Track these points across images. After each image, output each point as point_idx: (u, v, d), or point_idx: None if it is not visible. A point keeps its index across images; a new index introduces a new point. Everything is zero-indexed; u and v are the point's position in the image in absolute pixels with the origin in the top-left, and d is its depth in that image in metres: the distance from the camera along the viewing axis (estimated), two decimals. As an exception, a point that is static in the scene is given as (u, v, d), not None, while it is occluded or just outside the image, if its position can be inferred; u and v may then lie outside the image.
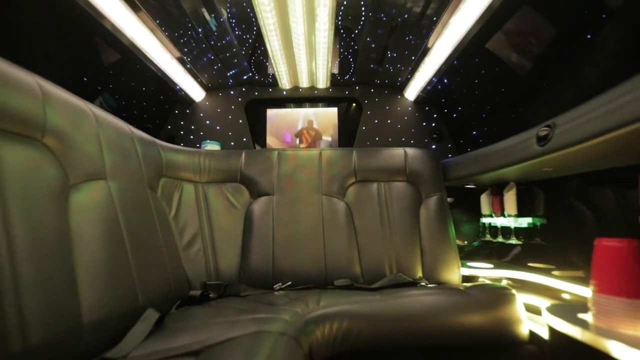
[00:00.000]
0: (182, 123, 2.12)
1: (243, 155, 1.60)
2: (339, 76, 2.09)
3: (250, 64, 1.98)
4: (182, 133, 2.11)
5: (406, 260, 1.43)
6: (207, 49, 1.74)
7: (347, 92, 2.14)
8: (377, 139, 2.09)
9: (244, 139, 2.11)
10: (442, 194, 1.55)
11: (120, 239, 0.92)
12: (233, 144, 2.11)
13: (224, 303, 1.15)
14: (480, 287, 1.11)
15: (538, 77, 1.40)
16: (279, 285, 1.36)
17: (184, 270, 1.31)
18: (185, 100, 2.08)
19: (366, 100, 2.13)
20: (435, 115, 2.10)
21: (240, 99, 2.14)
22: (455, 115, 2.03)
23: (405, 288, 1.21)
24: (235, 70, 1.99)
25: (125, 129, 1.16)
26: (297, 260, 1.42)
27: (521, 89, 1.52)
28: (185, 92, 1.99)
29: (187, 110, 2.13)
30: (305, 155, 1.61)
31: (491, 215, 1.58)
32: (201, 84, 2.05)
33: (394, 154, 1.60)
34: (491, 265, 1.52)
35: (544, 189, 1.45)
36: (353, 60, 2.04)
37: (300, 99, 2.18)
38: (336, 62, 2.05)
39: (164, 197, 1.34)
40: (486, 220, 1.63)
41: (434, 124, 2.09)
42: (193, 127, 2.12)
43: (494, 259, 1.76)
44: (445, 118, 2.08)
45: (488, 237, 1.64)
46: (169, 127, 2.11)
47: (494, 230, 1.61)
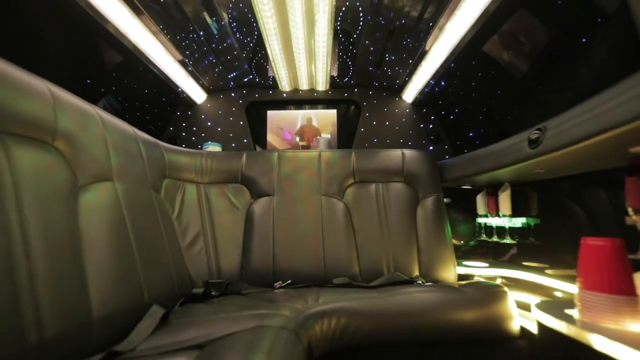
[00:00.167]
0: (184, 125, 2.16)
1: (244, 156, 1.63)
2: (338, 79, 2.13)
3: (250, 66, 2.02)
4: (184, 134, 2.15)
5: (403, 259, 1.46)
6: (209, 51, 1.78)
7: (346, 95, 2.18)
8: (376, 140, 2.13)
9: (245, 141, 2.15)
10: (439, 195, 1.59)
11: (127, 238, 0.96)
12: (234, 145, 2.14)
13: (226, 300, 1.18)
14: (474, 285, 1.14)
15: (534, 80, 1.43)
16: (279, 283, 1.40)
17: (187, 268, 1.34)
18: (187, 102, 2.12)
19: (365, 102, 2.16)
20: (433, 117, 2.13)
21: (241, 101, 2.18)
22: (452, 117, 2.06)
23: (402, 286, 1.25)
24: (236, 72, 2.02)
25: (130, 132, 1.19)
26: (297, 259, 1.45)
27: (517, 91, 1.55)
28: (187, 94, 2.02)
29: (189, 112, 2.16)
30: (304, 157, 1.65)
31: (487, 215, 1.62)
32: (202, 86, 2.08)
33: (392, 155, 1.64)
34: (486, 265, 1.55)
35: (538, 189, 1.48)
36: (352, 63, 2.08)
37: (300, 101, 2.21)
38: (335, 65, 2.09)
39: (167, 198, 1.38)
40: (482, 220, 1.66)
41: (431, 126, 2.13)
42: (195, 129, 2.15)
43: (490, 258, 1.80)
44: (443, 120, 2.11)
45: (484, 237, 1.67)
46: (171, 129, 2.15)
47: (490, 230, 1.64)
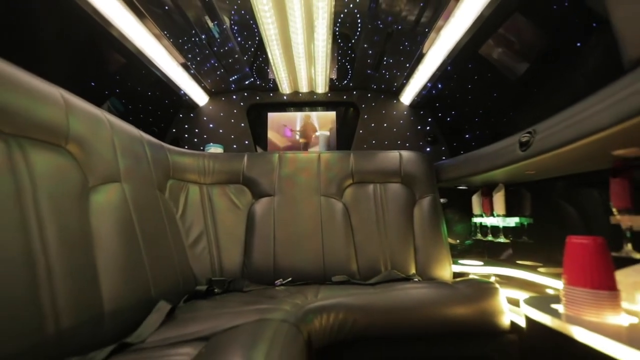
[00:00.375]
0: (187, 126, 2.20)
1: (245, 157, 1.68)
2: (337, 81, 2.17)
3: (251, 69, 2.06)
4: (187, 136, 2.19)
5: (400, 257, 1.51)
6: (210, 55, 1.82)
7: (345, 97, 2.23)
8: (374, 141, 2.17)
9: (246, 142, 2.19)
10: (435, 195, 1.63)
11: (134, 237, 1.00)
12: (235, 146, 2.18)
13: (229, 297, 1.23)
14: (467, 282, 1.19)
15: (528, 83, 1.46)
16: (280, 281, 1.44)
17: (191, 266, 1.39)
18: (190, 104, 2.16)
19: (363, 105, 2.21)
20: (430, 119, 2.18)
21: (242, 104, 2.22)
22: (448, 119, 2.11)
23: (398, 282, 1.29)
24: (238, 75, 2.06)
25: (136, 134, 1.24)
26: (297, 257, 1.50)
27: (512, 94, 1.59)
28: (189, 97, 2.06)
29: (191, 114, 2.21)
30: (304, 158, 1.69)
31: (482, 215, 1.66)
32: (204, 88, 2.12)
33: (390, 156, 1.68)
34: (481, 263, 1.60)
35: (531, 190, 1.53)
36: (351, 66, 2.12)
37: (300, 103, 2.26)
38: (334, 68, 2.13)
39: (171, 198, 1.42)
40: (477, 220, 1.70)
41: (428, 128, 2.17)
42: (197, 131, 2.20)
43: (485, 257, 1.84)
44: (439, 122, 2.16)
45: (479, 236, 1.72)
46: (173, 131, 2.19)
47: (485, 230, 1.69)
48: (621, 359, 0.64)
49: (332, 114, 2.25)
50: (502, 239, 1.55)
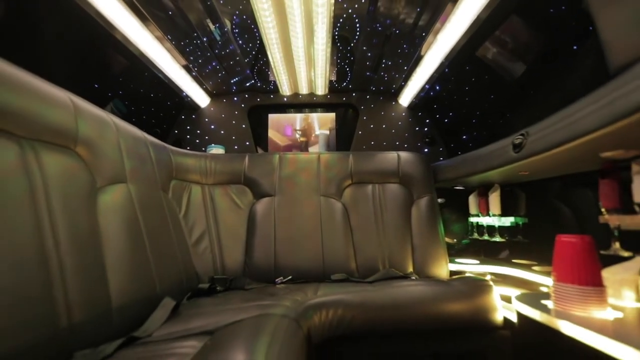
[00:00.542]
0: (189, 128, 2.23)
1: (246, 158, 1.71)
2: (336, 83, 2.21)
3: (252, 72, 2.10)
4: (189, 137, 2.22)
5: (398, 256, 1.54)
6: (212, 57, 1.85)
7: (344, 99, 2.26)
8: (373, 142, 2.21)
9: (247, 143, 2.23)
10: (433, 195, 1.66)
11: (140, 235, 1.04)
12: (236, 147, 2.22)
13: (231, 295, 1.26)
14: (462, 280, 1.22)
15: (525, 85, 1.49)
16: (281, 279, 1.47)
17: (193, 265, 1.42)
18: (191, 106, 2.20)
19: (362, 106, 2.24)
20: (428, 121, 2.21)
21: (243, 105, 2.26)
22: (446, 121, 2.14)
23: (396, 280, 1.33)
24: (239, 77, 2.10)
25: (140, 136, 1.27)
26: (297, 256, 1.53)
27: (509, 95, 1.62)
28: (191, 98, 2.10)
29: (193, 116, 2.24)
30: (304, 159, 1.73)
31: (478, 215, 1.70)
32: (206, 90, 2.16)
33: (388, 157, 1.72)
34: (477, 262, 1.63)
35: (527, 190, 1.56)
36: (350, 68, 2.15)
37: (300, 104, 2.30)
38: (334, 71, 2.17)
39: (174, 198, 1.46)
40: (474, 220, 1.74)
41: (426, 129, 2.21)
42: (199, 132, 2.23)
43: (482, 256, 1.87)
44: (437, 123, 2.19)
45: (475, 236, 1.75)
46: (175, 132, 2.22)
47: (481, 229, 1.72)
48: (606, 351, 0.67)
49: (332, 115, 2.28)
50: (498, 238, 1.58)
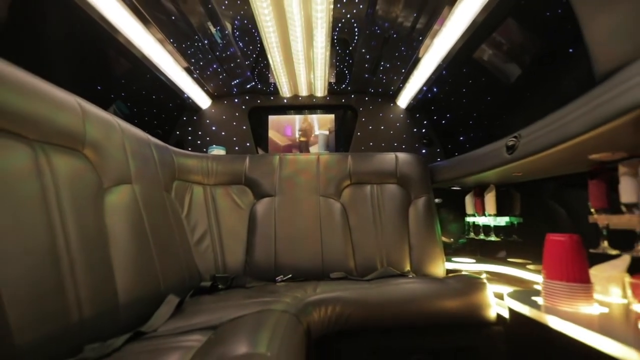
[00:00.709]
0: (190, 129, 2.27)
1: (247, 159, 1.74)
2: (335, 85, 2.24)
3: (253, 74, 2.13)
4: (190, 138, 2.26)
5: (396, 255, 1.58)
6: (213, 59, 1.88)
7: (343, 100, 2.29)
8: (371, 144, 2.24)
9: (247, 144, 2.26)
10: (430, 195, 1.70)
11: (145, 235, 1.07)
12: (237, 148, 2.25)
13: (232, 292, 1.30)
14: (457, 277, 1.26)
15: (521, 87, 1.52)
16: (281, 277, 1.51)
17: (196, 263, 1.46)
18: (193, 107, 2.23)
19: (361, 108, 2.28)
20: (425, 122, 2.25)
21: (243, 107, 2.29)
22: (443, 122, 2.17)
23: (393, 278, 1.36)
24: (239, 79, 2.13)
25: (144, 138, 1.30)
26: (297, 255, 1.57)
27: (505, 97, 1.65)
28: (192, 100, 2.13)
29: (194, 117, 2.28)
30: (304, 160, 1.76)
31: (474, 214, 1.73)
32: (207, 92, 2.19)
33: (386, 158, 1.75)
34: (473, 260, 1.67)
35: (522, 190, 1.59)
36: (349, 70, 2.19)
37: (299, 106, 2.33)
38: (333, 73, 2.20)
39: (177, 198, 1.49)
40: (470, 220, 1.77)
41: (424, 130, 2.24)
42: (200, 133, 2.27)
43: (478, 255, 1.91)
44: (435, 124, 2.23)
45: (472, 235, 1.79)
46: (177, 133, 2.26)
47: (477, 229, 1.75)
48: (592, 344, 0.71)
49: (331, 117, 2.32)
50: (494, 238, 1.61)
